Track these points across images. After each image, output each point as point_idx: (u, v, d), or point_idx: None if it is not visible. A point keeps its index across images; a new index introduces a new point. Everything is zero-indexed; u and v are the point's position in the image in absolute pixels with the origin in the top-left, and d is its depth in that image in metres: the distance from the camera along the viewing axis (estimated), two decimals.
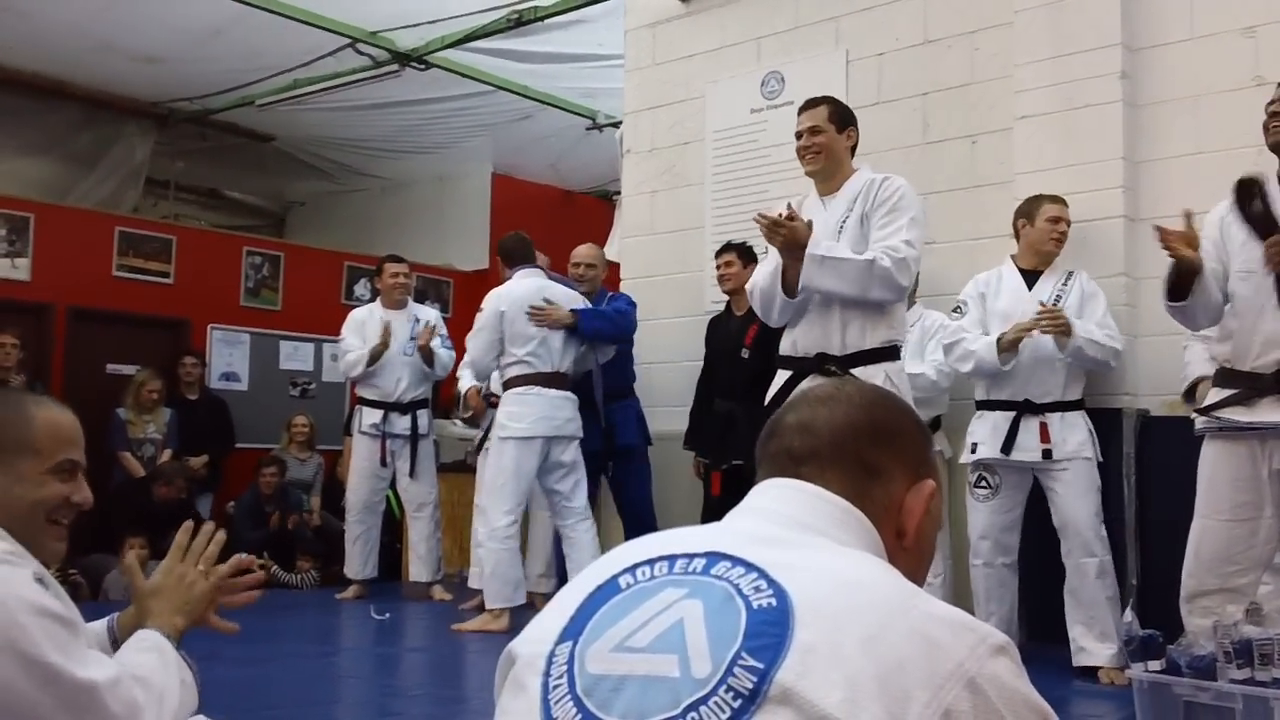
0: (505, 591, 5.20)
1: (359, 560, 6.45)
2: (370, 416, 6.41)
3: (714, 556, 1.07)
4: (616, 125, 7.51)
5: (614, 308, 5.73)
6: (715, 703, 0.95)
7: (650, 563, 1.10)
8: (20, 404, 1.79)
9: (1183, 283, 3.31)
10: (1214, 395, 3.36)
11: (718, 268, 5.51)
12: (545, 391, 5.37)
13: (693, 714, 0.95)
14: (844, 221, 3.94)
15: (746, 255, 5.43)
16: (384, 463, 6.39)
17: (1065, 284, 4.42)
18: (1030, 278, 4.44)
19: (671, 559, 1.09)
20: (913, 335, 4.87)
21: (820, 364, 3.86)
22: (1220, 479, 3.31)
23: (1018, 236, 4.53)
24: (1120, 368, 4.54)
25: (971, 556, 4.47)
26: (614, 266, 6.63)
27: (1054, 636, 4.54)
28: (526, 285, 5.50)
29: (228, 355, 9.01)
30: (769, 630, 0.97)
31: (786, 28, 5.96)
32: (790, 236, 3.75)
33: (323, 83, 8.39)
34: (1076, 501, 4.25)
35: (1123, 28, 4.84)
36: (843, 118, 4.07)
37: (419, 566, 6.37)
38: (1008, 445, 4.26)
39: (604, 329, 5.61)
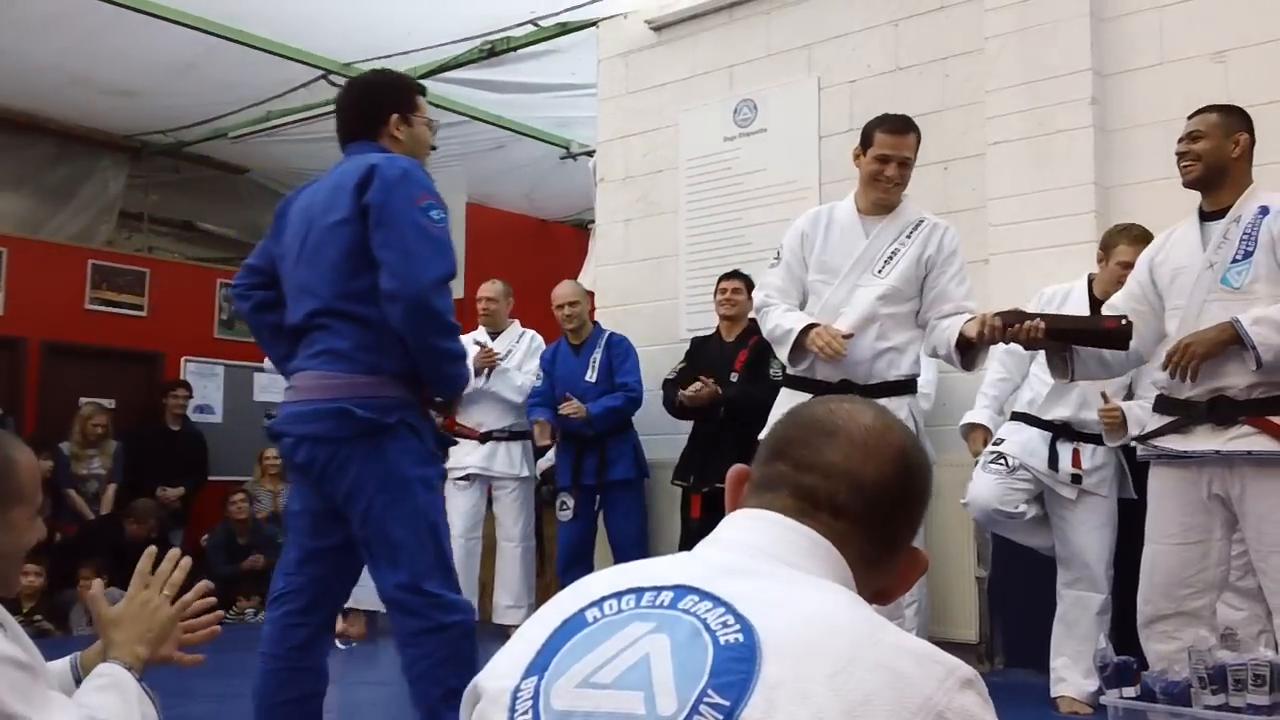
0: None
1: None
2: None
3: (682, 590, 1.05)
4: (590, 154, 7.52)
5: (623, 392, 5.76)
6: None
7: (618, 596, 1.08)
8: (6, 449, 1.78)
9: (1059, 362, 3.45)
10: (1154, 422, 3.38)
11: (723, 291, 5.48)
12: None
13: None
14: (894, 253, 3.83)
15: (751, 285, 5.43)
16: None
17: None
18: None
19: (639, 592, 1.07)
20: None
21: (844, 392, 3.71)
22: (1167, 504, 3.33)
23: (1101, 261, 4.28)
24: None
25: (971, 511, 4.30)
26: (589, 295, 6.63)
27: (1031, 663, 4.53)
28: None
29: (202, 388, 8.95)
30: (735, 667, 0.96)
31: (758, 55, 5.98)
32: None
33: (296, 114, 8.37)
34: (1091, 535, 4.15)
35: (1093, 53, 4.88)
36: (919, 148, 3.92)
37: None
38: (1053, 462, 4.13)
39: (616, 421, 5.73)
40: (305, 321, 2.82)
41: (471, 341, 6.07)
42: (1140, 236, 4.04)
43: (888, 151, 3.81)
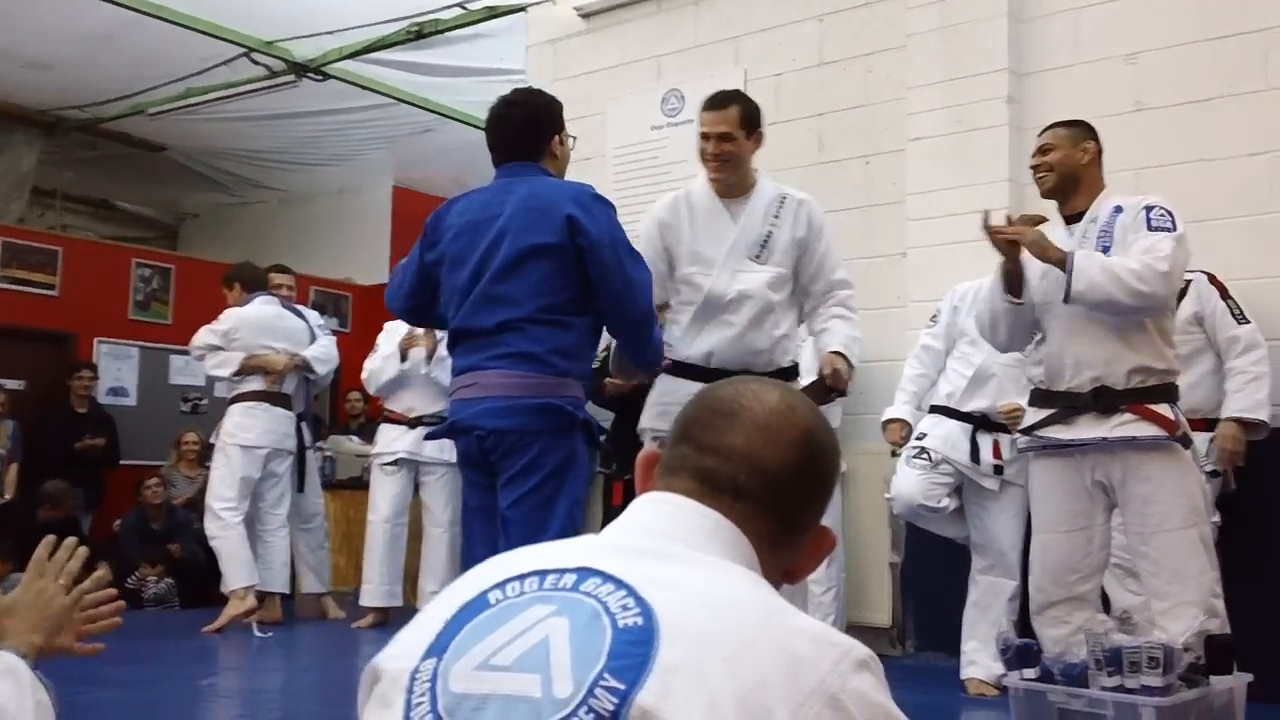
0: (242, 572, 5.72)
1: None
2: None
3: (584, 572, 1.05)
4: None
5: None
6: None
7: (521, 578, 1.07)
8: None
9: (1015, 280, 3.47)
10: (1032, 415, 3.48)
11: None
12: (271, 409, 5.97)
13: None
14: (768, 236, 3.70)
15: None
16: None
17: None
18: None
19: (542, 574, 1.07)
20: (807, 350, 4.92)
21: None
22: (1052, 494, 3.44)
23: None
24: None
25: (895, 506, 4.44)
26: None
27: (941, 647, 4.63)
28: (266, 311, 6.14)
29: (115, 370, 8.75)
30: (632, 650, 0.96)
31: (686, 46, 6.01)
32: None
33: (217, 92, 8.24)
34: (1009, 524, 4.29)
35: (1010, 53, 4.97)
36: (752, 120, 3.71)
37: (310, 578, 6.32)
38: (975, 454, 4.27)
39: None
40: (496, 328, 3.03)
41: (401, 329, 6.03)
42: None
43: (704, 129, 3.72)
